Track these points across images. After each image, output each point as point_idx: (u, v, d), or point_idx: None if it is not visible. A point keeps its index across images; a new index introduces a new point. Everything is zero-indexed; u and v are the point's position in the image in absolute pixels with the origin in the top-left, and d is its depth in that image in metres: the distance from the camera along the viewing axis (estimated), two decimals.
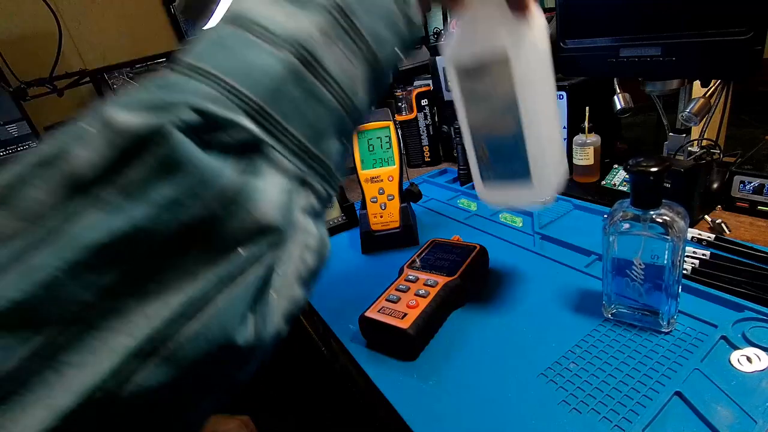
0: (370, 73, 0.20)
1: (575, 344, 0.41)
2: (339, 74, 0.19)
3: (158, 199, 0.14)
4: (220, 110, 0.16)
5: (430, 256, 0.54)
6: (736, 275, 0.45)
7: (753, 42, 0.49)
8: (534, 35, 0.33)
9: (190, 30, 1.88)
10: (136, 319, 0.14)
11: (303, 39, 0.18)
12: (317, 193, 0.19)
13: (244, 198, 0.16)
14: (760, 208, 0.56)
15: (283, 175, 0.17)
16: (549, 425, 0.34)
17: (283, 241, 0.17)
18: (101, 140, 0.14)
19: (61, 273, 0.13)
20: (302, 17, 0.18)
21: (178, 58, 0.18)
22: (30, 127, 1.43)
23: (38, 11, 1.55)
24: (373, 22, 0.20)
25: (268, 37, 0.18)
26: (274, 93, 0.17)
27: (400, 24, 0.21)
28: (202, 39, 0.18)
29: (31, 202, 0.14)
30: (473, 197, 0.81)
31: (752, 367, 0.35)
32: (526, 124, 0.35)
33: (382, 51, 0.20)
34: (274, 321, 0.17)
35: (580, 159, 0.73)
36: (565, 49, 0.70)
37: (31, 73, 1.46)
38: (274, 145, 0.17)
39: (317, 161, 0.19)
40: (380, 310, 0.46)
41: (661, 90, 0.64)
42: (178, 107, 0.15)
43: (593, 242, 0.54)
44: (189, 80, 0.16)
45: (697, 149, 0.65)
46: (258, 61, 0.17)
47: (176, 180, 0.15)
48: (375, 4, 0.20)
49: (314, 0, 0.19)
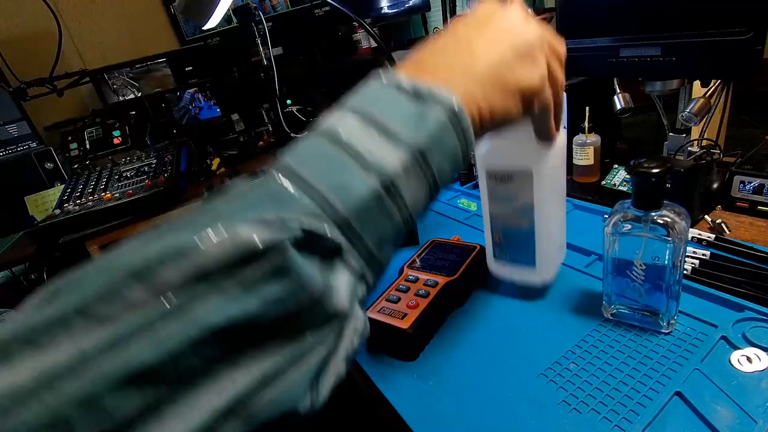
0: (430, 196, 0.25)
1: (575, 344, 0.41)
2: (410, 200, 0.23)
3: (267, 295, 0.18)
4: (318, 225, 0.20)
5: (430, 256, 0.54)
6: (736, 275, 0.45)
7: (753, 42, 0.49)
8: (554, 154, 0.39)
9: (189, 30, 1.88)
10: (225, 383, 0.17)
11: (388, 171, 0.22)
12: (368, 286, 0.23)
13: (325, 296, 0.19)
14: (760, 208, 0.56)
15: (351, 273, 0.21)
16: (549, 425, 0.34)
17: (344, 327, 0.21)
18: (229, 244, 0.18)
19: (185, 345, 0.16)
20: (390, 150, 0.22)
21: (285, 161, 0.22)
22: (30, 127, 1.43)
23: (38, 11, 1.55)
24: (441, 161, 0.24)
25: (360, 162, 0.22)
26: (359, 210, 0.21)
27: (460, 159, 0.25)
28: (304, 147, 0.23)
29: (165, 281, 0.17)
30: (473, 197, 0.81)
31: (752, 367, 0.35)
32: (538, 224, 0.41)
33: (443, 181, 0.25)
34: (324, 394, 0.21)
35: (580, 159, 0.73)
36: (565, 49, 0.70)
37: (31, 73, 1.46)
38: (350, 251, 0.21)
39: (376, 262, 0.23)
40: (380, 310, 0.46)
41: (661, 90, 0.64)
42: (292, 228, 0.19)
43: (593, 242, 0.54)
44: (298, 196, 0.20)
45: (697, 149, 0.65)
46: (350, 182, 0.21)
47: (283, 282, 0.18)
48: (445, 146, 0.24)
49: (401, 138, 0.23)
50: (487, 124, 0.27)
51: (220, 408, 0.17)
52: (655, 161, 0.35)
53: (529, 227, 0.42)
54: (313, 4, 1.69)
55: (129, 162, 1.38)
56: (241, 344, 0.18)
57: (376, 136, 0.23)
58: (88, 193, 1.24)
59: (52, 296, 0.17)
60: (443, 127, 0.24)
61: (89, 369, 0.15)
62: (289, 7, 1.72)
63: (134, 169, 1.33)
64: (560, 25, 0.70)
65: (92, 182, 1.29)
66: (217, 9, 1.14)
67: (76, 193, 1.25)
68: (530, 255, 0.44)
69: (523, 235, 0.43)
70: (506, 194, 0.41)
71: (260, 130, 1.80)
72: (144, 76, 1.63)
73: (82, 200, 1.20)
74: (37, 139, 1.44)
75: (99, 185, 1.27)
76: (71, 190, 1.26)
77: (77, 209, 1.16)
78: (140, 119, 1.55)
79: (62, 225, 1.13)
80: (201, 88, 1.61)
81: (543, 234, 0.42)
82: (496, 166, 0.41)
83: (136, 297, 0.17)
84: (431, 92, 0.24)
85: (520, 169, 0.39)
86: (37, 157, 1.39)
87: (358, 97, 0.25)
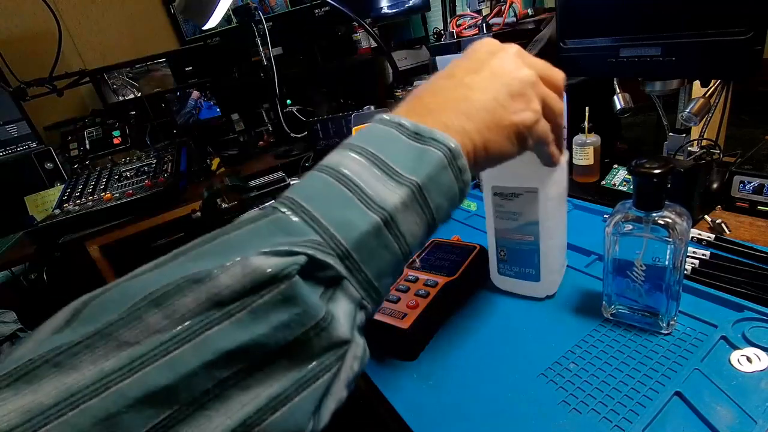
0: (427, 230, 0.26)
1: (575, 344, 0.41)
2: (407, 234, 0.24)
3: (275, 322, 0.19)
4: (323, 256, 0.21)
5: (430, 256, 0.54)
6: (736, 275, 0.45)
7: (753, 42, 0.49)
8: (558, 174, 0.40)
9: (189, 30, 1.88)
10: (235, 405, 0.19)
11: (389, 207, 0.23)
12: (367, 313, 0.24)
13: (328, 323, 0.21)
14: (760, 208, 0.56)
15: (351, 302, 0.22)
16: (549, 425, 0.34)
17: (346, 353, 0.22)
18: (242, 274, 0.19)
19: (199, 368, 0.18)
20: (391, 188, 0.24)
21: (293, 196, 0.23)
22: (30, 127, 1.43)
23: (38, 11, 1.55)
24: (439, 197, 0.25)
25: (363, 198, 0.23)
26: (360, 243, 0.22)
27: (457, 196, 0.27)
28: (311, 182, 0.24)
29: (182, 307, 0.18)
30: (473, 197, 0.81)
31: (752, 367, 0.35)
32: (543, 240, 0.42)
33: (440, 217, 0.26)
34: (325, 418, 0.22)
35: (580, 159, 0.73)
36: (565, 49, 0.70)
37: (31, 73, 1.46)
38: (351, 281, 0.22)
39: (375, 291, 0.24)
40: (380, 310, 0.46)
41: (661, 90, 0.64)
42: (299, 256, 0.20)
43: (593, 242, 0.54)
44: (305, 229, 0.22)
45: (697, 149, 0.65)
46: (353, 218, 0.23)
47: (290, 309, 0.19)
48: (442, 183, 0.25)
49: (402, 176, 0.24)
50: (482, 161, 0.28)
51: (229, 428, 0.18)
52: (656, 162, 0.35)
53: (533, 243, 0.43)
54: (313, 4, 1.69)
55: (129, 162, 1.38)
56: (251, 368, 0.19)
57: (377, 173, 0.24)
58: (87, 193, 1.24)
59: (75, 317, 0.19)
60: (441, 165, 0.25)
61: (110, 390, 0.17)
62: (289, 7, 1.72)
63: (134, 169, 1.33)
64: (560, 25, 0.70)
65: (92, 182, 1.29)
66: (217, 9, 1.14)
67: (76, 193, 1.25)
68: (535, 270, 0.45)
69: (527, 251, 0.43)
70: (511, 211, 0.42)
71: (260, 130, 1.80)
72: (144, 76, 1.63)
73: (82, 200, 1.20)
74: (37, 139, 1.44)
75: (99, 185, 1.27)
76: (71, 190, 1.26)
77: (77, 209, 1.17)
78: (140, 119, 1.55)
79: (62, 225, 1.13)
80: (201, 88, 1.61)
81: (547, 249, 0.43)
82: (501, 184, 0.42)
83: (155, 322, 0.18)
84: (431, 133, 0.26)
85: (525, 188, 0.41)
86: (37, 157, 1.39)
87: (362, 136, 0.26)
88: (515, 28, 0.85)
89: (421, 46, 1.85)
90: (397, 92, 0.99)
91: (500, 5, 0.86)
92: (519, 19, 0.87)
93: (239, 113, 1.76)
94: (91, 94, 1.69)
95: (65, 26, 1.71)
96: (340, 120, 1.44)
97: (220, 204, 0.85)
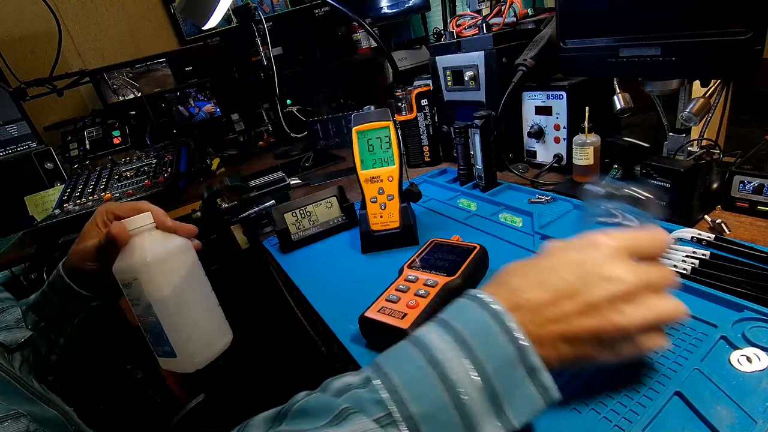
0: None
1: None
2: None
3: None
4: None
5: (430, 256, 0.54)
6: (736, 275, 0.45)
7: (753, 42, 0.49)
8: (160, 257, 0.44)
9: (189, 30, 1.88)
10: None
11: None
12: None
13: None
14: (760, 208, 0.56)
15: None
16: (549, 425, 0.34)
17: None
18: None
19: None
20: (494, 428, 0.28)
21: (412, 413, 0.27)
22: (30, 127, 1.43)
23: (38, 11, 1.55)
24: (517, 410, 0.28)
25: (453, 395, 0.28)
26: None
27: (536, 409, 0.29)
28: (432, 399, 0.28)
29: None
30: (473, 197, 0.81)
31: (752, 367, 0.35)
32: (163, 319, 0.44)
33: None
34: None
35: (580, 159, 0.73)
36: (565, 49, 0.70)
37: (31, 73, 1.46)
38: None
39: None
40: (380, 310, 0.46)
41: (661, 90, 0.64)
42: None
43: None
44: (393, 412, 0.27)
45: (697, 149, 0.65)
46: (438, 415, 0.27)
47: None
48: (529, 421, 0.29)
49: (509, 420, 0.28)
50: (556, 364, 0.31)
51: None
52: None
53: (156, 323, 0.44)
54: (313, 4, 1.69)
55: (129, 162, 1.38)
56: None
57: (489, 406, 0.28)
58: (87, 193, 1.24)
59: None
60: (538, 412, 0.29)
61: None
62: (289, 7, 1.72)
63: (134, 169, 1.33)
64: (560, 25, 0.70)
65: (92, 182, 1.29)
66: (217, 9, 1.14)
67: (76, 193, 1.25)
68: (169, 347, 0.45)
69: (155, 330, 0.45)
70: (133, 298, 0.45)
71: (260, 130, 1.80)
72: (144, 76, 1.63)
73: (81, 200, 1.20)
74: (37, 139, 1.44)
75: (99, 185, 1.27)
76: (71, 190, 1.26)
77: (77, 209, 1.16)
78: (140, 119, 1.55)
79: (62, 225, 1.13)
80: (201, 88, 1.61)
81: (169, 325, 0.45)
82: (118, 273, 0.45)
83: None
84: (542, 377, 0.29)
85: (129, 276, 0.44)
86: (37, 157, 1.39)
87: (486, 348, 0.29)
88: (515, 28, 0.86)
89: (421, 46, 1.85)
90: (397, 92, 0.99)
91: (500, 5, 0.86)
92: (519, 19, 0.87)
93: (239, 113, 1.76)
94: (91, 94, 1.69)
95: (65, 26, 1.71)
96: (340, 120, 1.44)
97: (220, 204, 0.85)
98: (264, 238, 0.83)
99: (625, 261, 0.32)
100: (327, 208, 0.77)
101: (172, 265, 0.46)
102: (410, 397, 0.27)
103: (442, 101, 1.00)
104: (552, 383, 0.29)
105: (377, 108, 0.69)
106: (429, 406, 0.27)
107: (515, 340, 0.29)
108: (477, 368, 0.28)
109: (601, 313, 0.30)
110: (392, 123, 0.67)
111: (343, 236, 0.76)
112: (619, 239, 0.33)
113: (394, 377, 0.28)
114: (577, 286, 0.31)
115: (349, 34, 1.78)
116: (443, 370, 0.28)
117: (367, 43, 1.77)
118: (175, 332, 0.45)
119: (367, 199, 0.67)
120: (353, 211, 0.77)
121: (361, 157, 0.67)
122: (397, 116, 1.00)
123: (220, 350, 0.49)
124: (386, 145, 0.67)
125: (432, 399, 0.27)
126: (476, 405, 0.27)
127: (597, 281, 0.31)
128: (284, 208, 0.75)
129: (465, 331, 0.29)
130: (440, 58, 0.96)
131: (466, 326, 0.30)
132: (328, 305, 0.56)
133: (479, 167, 0.80)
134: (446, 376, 0.28)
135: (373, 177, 0.67)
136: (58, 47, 1.47)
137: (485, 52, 0.83)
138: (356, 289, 0.58)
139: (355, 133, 0.67)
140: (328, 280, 0.63)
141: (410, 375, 0.28)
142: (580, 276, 0.31)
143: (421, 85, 1.02)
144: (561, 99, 0.77)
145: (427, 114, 1.00)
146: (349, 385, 0.30)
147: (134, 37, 1.87)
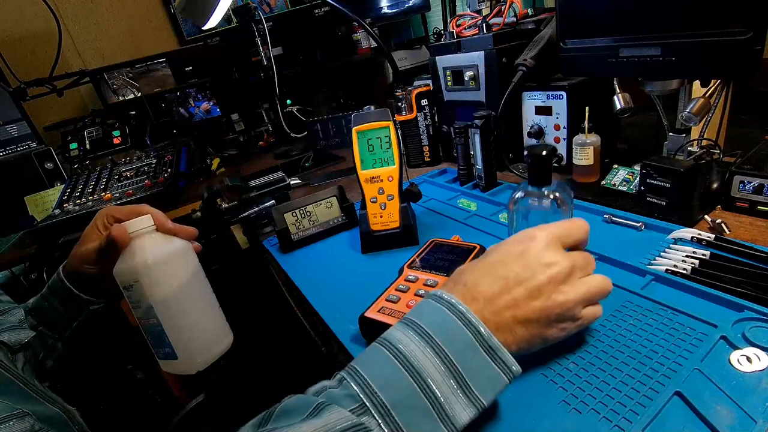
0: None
1: (575, 343, 0.41)
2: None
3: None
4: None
5: (430, 256, 0.54)
6: (736, 275, 0.45)
7: (753, 42, 0.49)
8: (161, 259, 0.45)
9: (189, 30, 1.88)
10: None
11: (459, 426, 0.30)
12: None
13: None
14: (760, 208, 0.56)
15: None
16: (549, 425, 0.34)
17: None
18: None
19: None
20: (464, 405, 0.31)
21: (382, 398, 0.30)
22: (30, 127, 1.43)
23: (38, 11, 1.55)
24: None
25: (441, 415, 0.30)
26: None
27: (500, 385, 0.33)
28: (396, 382, 0.31)
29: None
30: (473, 197, 0.81)
31: (752, 367, 0.35)
32: (164, 321, 0.44)
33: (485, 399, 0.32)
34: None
35: (580, 159, 0.73)
36: (565, 49, 0.70)
37: (31, 73, 1.46)
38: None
39: None
40: (380, 310, 0.46)
41: (661, 90, 0.64)
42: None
43: (592, 242, 0.54)
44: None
45: (697, 149, 0.65)
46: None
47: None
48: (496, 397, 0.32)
49: (476, 396, 0.31)
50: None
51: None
52: (544, 147, 0.43)
53: (157, 325, 0.45)
54: (313, 4, 1.69)
55: (129, 162, 1.38)
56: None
57: (454, 386, 0.31)
58: (87, 193, 1.24)
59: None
60: (503, 388, 0.32)
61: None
62: (289, 7, 1.72)
63: (134, 169, 1.33)
64: (560, 25, 0.70)
65: (92, 182, 1.29)
66: (217, 9, 1.14)
67: (76, 193, 1.25)
68: (170, 349, 0.46)
69: (156, 332, 0.45)
70: (134, 300, 0.45)
71: (260, 129, 1.80)
72: (144, 76, 1.63)
73: (82, 200, 1.20)
74: (37, 139, 1.44)
75: (99, 185, 1.27)
76: (71, 190, 1.26)
77: (77, 209, 1.17)
78: (140, 119, 1.55)
79: (62, 225, 1.13)
80: (201, 88, 1.61)
81: (173, 328, 0.45)
82: (119, 276, 0.45)
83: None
84: (503, 355, 0.32)
85: (131, 277, 0.44)
86: (37, 157, 1.39)
87: (441, 332, 0.32)
88: (515, 28, 0.86)
89: (421, 46, 1.85)
90: (397, 92, 0.99)
91: (500, 5, 0.86)
92: (519, 19, 0.87)
93: (239, 113, 1.76)
94: (91, 94, 1.69)
95: (65, 26, 1.71)
96: (340, 120, 1.44)
97: (220, 204, 0.85)
98: (264, 238, 0.83)
99: (558, 249, 0.37)
100: (327, 208, 0.77)
101: (173, 267, 0.46)
102: (379, 388, 0.30)
103: (442, 101, 1.00)
104: (512, 359, 0.32)
105: (377, 108, 0.69)
106: (398, 394, 0.30)
107: (471, 325, 0.32)
108: (439, 355, 0.31)
109: (546, 295, 0.35)
110: (392, 123, 0.67)
111: (343, 236, 0.76)
112: (551, 231, 0.37)
113: (363, 373, 0.31)
114: (523, 274, 0.35)
115: (349, 34, 1.78)
116: (408, 360, 0.31)
117: (367, 43, 1.77)
118: (176, 334, 0.45)
119: (367, 199, 0.67)
120: (353, 211, 0.77)
121: (361, 157, 0.67)
122: (397, 116, 1.00)
123: (220, 352, 0.49)
124: (386, 145, 0.67)
125: (400, 387, 0.30)
126: (442, 387, 0.30)
127: (539, 268, 0.35)
128: (284, 208, 0.75)
129: (425, 325, 0.33)
130: (440, 58, 0.96)
131: (426, 320, 0.33)
132: (328, 305, 0.56)
133: (479, 167, 0.80)
134: (411, 365, 0.31)
135: (373, 177, 0.67)
136: (58, 47, 1.47)
137: (485, 52, 0.83)
138: (356, 289, 0.58)
139: (355, 133, 0.67)
140: (328, 280, 0.63)
141: (378, 369, 0.31)
142: (525, 265, 0.36)
143: (421, 85, 1.02)
144: (561, 99, 0.77)
145: (427, 114, 1.00)
146: (325, 386, 0.32)
147: (134, 37, 1.87)
